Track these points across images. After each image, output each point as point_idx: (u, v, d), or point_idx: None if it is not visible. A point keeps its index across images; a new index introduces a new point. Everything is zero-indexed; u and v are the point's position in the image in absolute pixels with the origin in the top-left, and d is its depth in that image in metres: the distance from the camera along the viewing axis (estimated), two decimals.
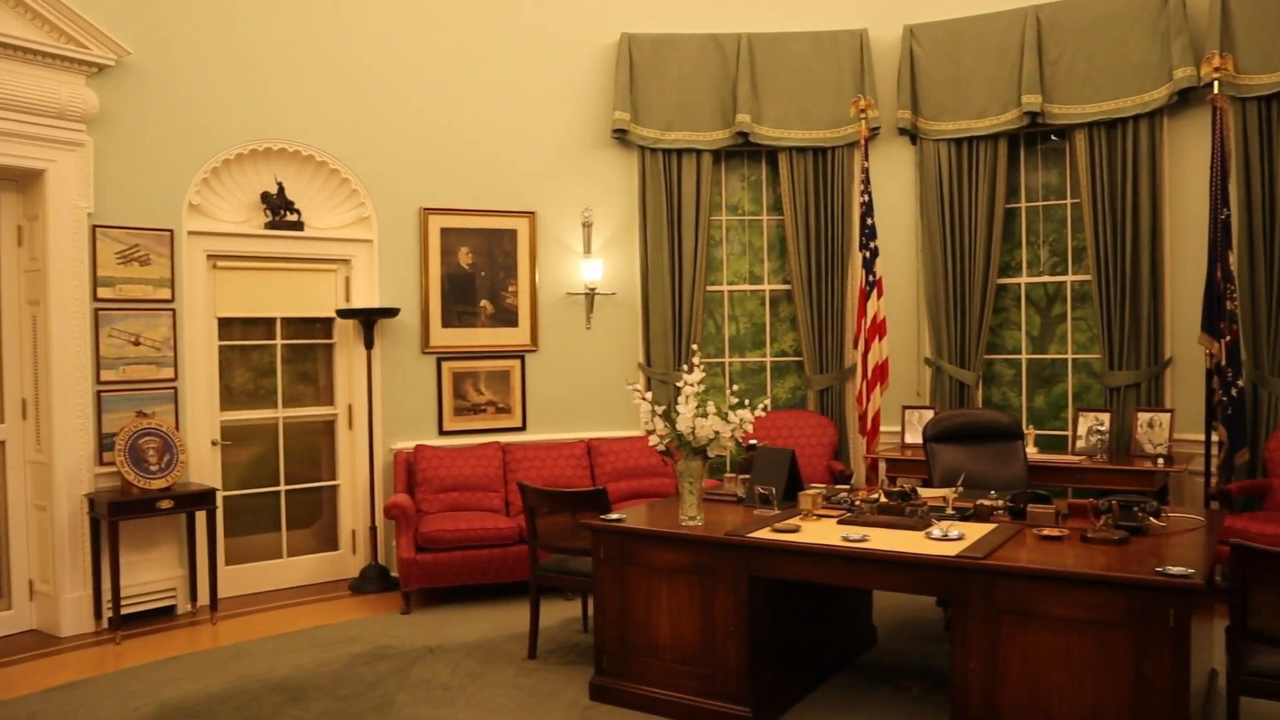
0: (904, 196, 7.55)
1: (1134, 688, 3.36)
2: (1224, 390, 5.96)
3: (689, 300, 7.54)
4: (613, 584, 4.54)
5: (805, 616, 4.71)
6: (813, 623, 4.78)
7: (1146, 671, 3.34)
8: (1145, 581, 3.34)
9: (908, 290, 7.53)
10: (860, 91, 7.37)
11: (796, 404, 7.89)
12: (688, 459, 4.46)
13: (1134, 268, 6.70)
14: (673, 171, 7.57)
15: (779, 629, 4.44)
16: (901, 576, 3.90)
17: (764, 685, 4.28)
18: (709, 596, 4.27)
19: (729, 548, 4.21)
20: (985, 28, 7.12)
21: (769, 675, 4.33)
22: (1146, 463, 6.24)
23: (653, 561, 4.42)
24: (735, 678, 4.20)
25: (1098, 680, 3.43)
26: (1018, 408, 7.43)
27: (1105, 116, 6.75)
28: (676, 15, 7.57)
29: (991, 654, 3.63)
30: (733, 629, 4.20)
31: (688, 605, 4.33)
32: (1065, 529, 4.09)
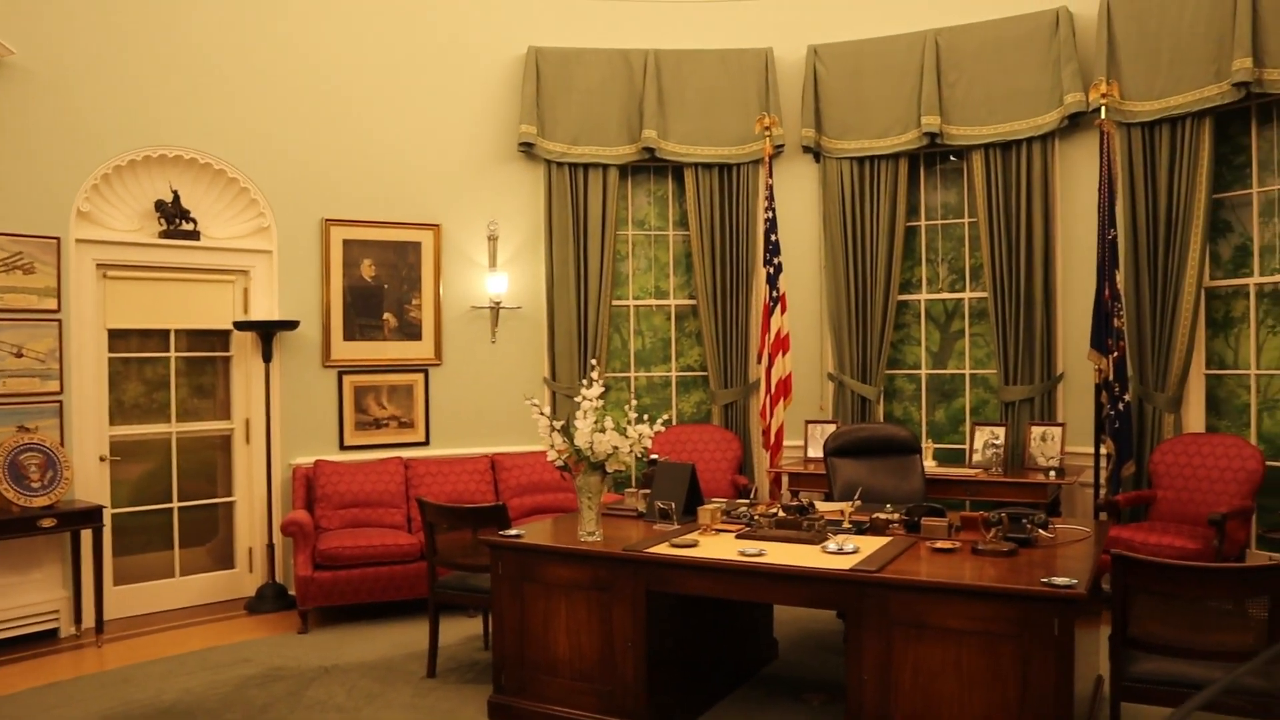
0: (807, 213, 7.65)
1: (1021, 696, 3.43)
2: (1112, 405, 6.15)
3: (595, 315, 7.53)
4: (511, 601, 4.49)
5: (705, 631, 4.71)
6: (713, 637, 4.79)
7: (1033, 680, 3.41)
8: (1031, 592, 3.41)
9: (811, 306, 7.63)
10: (765, 109, 7.46)
11: (701, 418, 7.92)
12: (586, 474, 4.43)
13: (1028, 285, 6.88)
14: (579, 186, 7.56)
15: (678, 644, 4.44)
16: (797, 590, 3.92)
17: (663, 700, 4.27)
18: (608, 612, 4.24)
19: (627, 563, 4.19)
20: (887, 50, 7.27)
21: (668, 690, 4.32)
22: (1040, 475, 6.41)
23: (551, 578, 4.38)
24: (634, 694, 4.18)
25: (987, 690, 3.49)
26: (918, 422, 7.57)
27: (1000, 138, 6.94)
28: (584, 30, 7.58)
29: (885, 666, 3.67)
30: (631, 645, 4.18)
31: (586, 622, 4.30)
32: (958, 541, 4.17)
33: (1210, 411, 6.50)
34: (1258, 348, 6.30)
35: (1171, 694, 3.57)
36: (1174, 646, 3.55)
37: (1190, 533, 5.71)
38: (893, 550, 4.06)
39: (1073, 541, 4.25)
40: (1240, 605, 3.51)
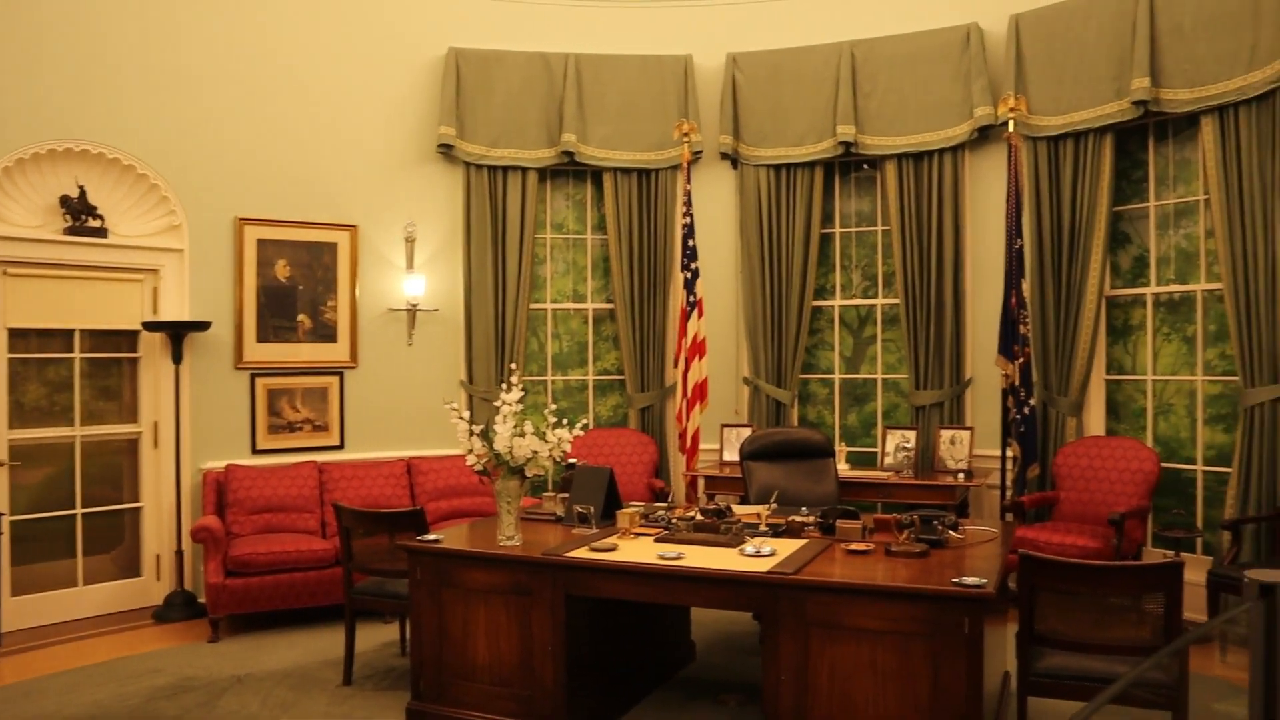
0: (725, 219, 7.74)
1: (933, 693, 3.52)
2: (1018, 409, 6.34)
3: (512, 318, 7.51)
4: (429, 606, 4.46)
5: (624, 634, 4.74)
6: (631, 640, 4.82)
7: (944, 677, 3.50)
8: (942, 592, 3.51)
9: (727, 311, 7.71)
10: (684, 115, 7.53)
11: (618, 422, 7.95)
12: (505, 478, 4.43)
13: (938, 293, 7.06)
14: (498, 188, 7.54)
15: (597, 647, 4.46)
16: (715, 593, 3.97)
17: (582, 704, 4.28)
18: (526, 617, 4.24)
19: (546, 567, 4.19)
20: (804, 60, 7.39)
21: (587, 694, 4.33)
22: (949, 478, 6.58)
23: (470, 583, 4.36)
24: (553, 698, 4.18)
25: (900, 687, 3.58)
26: (831, 426, 7.70)
27: (913, 149, 7.11)
28: (505, 32, 7.55)
29: (801, 666, 3.74)
30: (550, 649, 4.18)
31: (505, 626, 4.29)
32: (871, 543, 4.26)
33: (1110, 415, 6.74)
34: (1154, 354, 6.56)
35: (1075, 688, 3.70)
36: (1077, 642, 3.69)
37: (1091, 532, 5.91)
38: (809, 552, 4.13)
39: (981, 542, 4.38)
40: (1138, 601, 3.66)
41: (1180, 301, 6.44)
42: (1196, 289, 6.32)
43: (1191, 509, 6.35)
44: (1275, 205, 5.60)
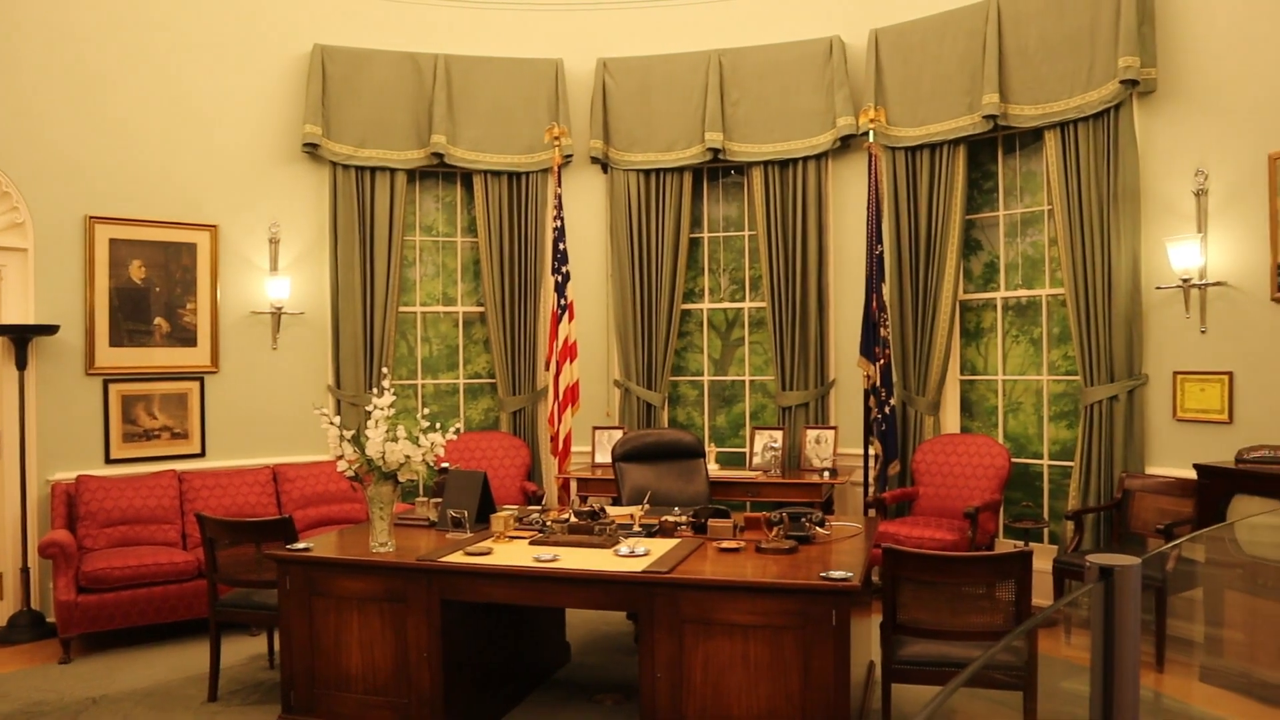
0: (595, 223, 7.80)
1: (803, 683, 3.65)
2: (879, 408, 6.58)
3: (381, 321, 7.40)
4: (300, 616, 4.37)
5: (499, 637, 4.74)
6: (507, 643, 4.82)
7: (814, 668, 3.63)
8: (811, 586, 3.64)
9: (598, 314, 7.77)
10: (555, 119, 7.56)
11: (490, 426, 7.92)
12: (378, 484, 4.38)
13: (803, 296, 7.27)
14: (366, 189, 7.42)
15: (473, 652, 4.45)
16: (591, 594, 4.01)
17: (460, 709, 4.27)
18: (401, 623, 4.21)
19: (421, 573, 4.17)
20: (673, 67, 7.51)
21: (464, 699, 4.32)
22: (815, 476, 6.79)
23: (342, 591, 4.30)
24: (430, 704, 4.16)
25: (772, 679, 3.69)
26: (701, 427, 7.84)
27: (778, 156, 7.30)
28: (373, 30, 7.44)
29: (677, 663, 3.82)
30: (426, 655, 4.16)
31: (380, 634, 4.25)
32: (742, 541, 4.38)
33: (964, 414, 7.07)
34: (1004, 355, 6.90)
35: (935, 673, 3.88)
36: (936, 630, 3.87)
37: (948, 525, 6.18)
38: (682, 551, 4.22)
39: (846, 537, 4.54)
40: (991, 589, 3.86)
41: (1027, 305, 6.80)
42: (1042, 294, 6.68)
43: (1039, 501, 6.71)
44: (1111, 216, 5.97)
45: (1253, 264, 5.47)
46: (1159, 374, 5.92)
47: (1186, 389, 5.79)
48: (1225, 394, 5.60)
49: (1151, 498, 5.80)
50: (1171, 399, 5.86)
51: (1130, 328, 5.95)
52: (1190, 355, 5.77)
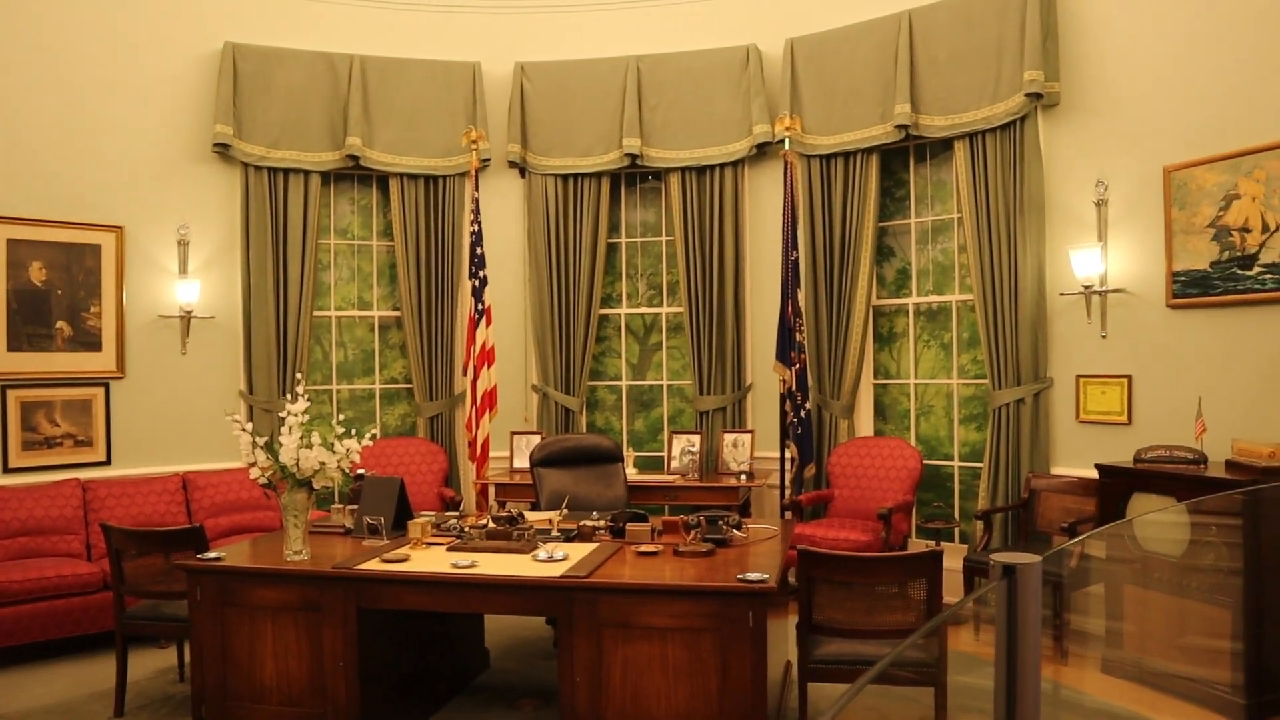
0: (513, 227, 7.78)
1: (721, 684, 3.68)
2: (795, 412, 6.68)
3: (295, 325, 7.28)
4: (211, 627, 4.28)
5: (417, 645, 4.70)
6: (425, 651, 4.78)
7: (731, 669, 3.67)
8: (728, 589, 3.68)
9: (515, 319, 7.75)
10: (472, 123, 7.52)
11: (407, 431, 7.84)
12: (292, 491, 4.31)
13: (720, 302, 7.34)
14: (279, 191, 7.29)
15: (391, 660, 4.40)
16: (510, 599, 4.00)
17: (377, 719, 4.21)
18: (317, 633, 4.14)
19: (337, 581, 4.11)
20: (592, 72, 7.53)
21: (382, 708, 4.27)
22: (732, 479, 6.85)
23: (256, 600, 4.22)
24: (346, 714, 4.10)
25: (690, 681, 3.73)
26: (619, 431, 7.87)
27: (696, 163, 7.37)
28: (286, 29, 7.31)
29: (596, 666, 3.83)
30: (343, 664, 4.10)
31: (295, 644, 4.18)
32: (660, 544, 4.41)
33: (878, 417, 7.21)
34: (916, 360, 7.06)
35: (850, 672, 3.95)
36: (850, 629, 3.94)
37: (863, 526, 6.29)
38: (600, 556, 4.23)
39: (763, 540, 4.60)
40: (904, 588, 3.95)
41: (938, 311, 6.96)
42: (952, 299, 6.85)
43: (950, 501, 6.88)
44: (1017, 224, 6.14)
45: (1149, 272, 5.68)
46: (1063, 377, 6.11)
47: (1089, 392, 5.99)
48: (1125, 396, 5.81)
49: (1057, 497, 5.98)
50: (1075, 401, 6.05)
51: (1036, 333, 6.13)
52: (1092, 359, 5.97)
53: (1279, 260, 5.04)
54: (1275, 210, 5.05)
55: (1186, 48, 5.48)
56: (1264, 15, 5.11)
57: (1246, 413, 5.19)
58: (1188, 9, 5.47)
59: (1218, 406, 5.26)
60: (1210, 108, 5.37)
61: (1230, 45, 5.27)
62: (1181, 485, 4.88)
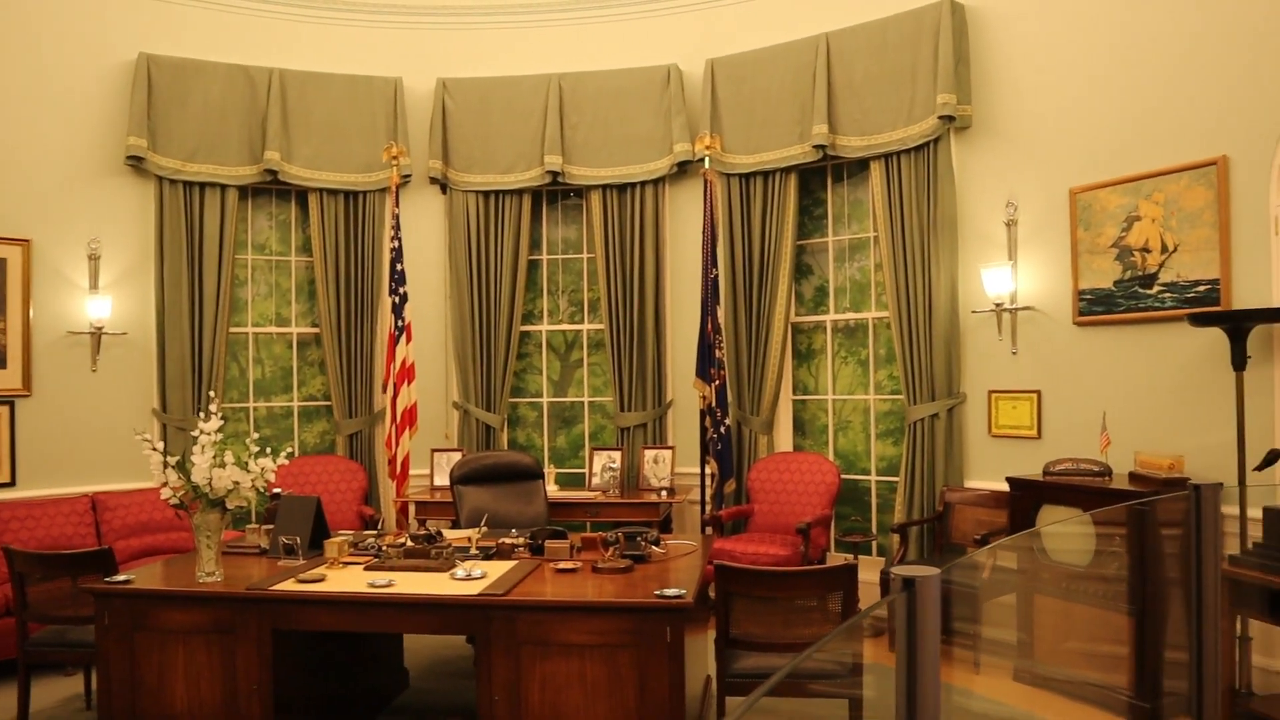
0: (434, 244, 7.73)
1: (640, 700, 3.69)
2: (715, 428, 6.73)
3: (210, 342, 7.13)
4: (120, 653, 4.16)
5: (334, 666, 4.63)
6: (342, 672, 4.71)
7: (650, 684, 3.69)
8: (645, 605, 3.70)
9: (436, 335, 7.70)
10: (393, 138, 7.47)
11: (326, 449, 7.73)
12: (204, 512, 4.22)
13: (640, 318, 7.38)
14: (195, 205, 7.15)
15: (307, 683, 4.33)
16: (427, 618, 3.97)
17: None
18: (230, 656, 4.06)
19: (251, 603, 4.04)
20: (514, 89, 7.53)
21: None
22: (653, 495, 6.88)
23: (167, 624, 4.12)
24: None
25: (609, 697, 3.73)
26: (540, 448, 7.85)
27: (617, 180, 7.41)
28: (203, 41, 7.18)
29: (515, 684, 3.81)
30: (256, 687, 4.03)
31: (207, 667, 4.09)
32: (579, 561, 4.41)
33: (797, 432, 7.30)
34: (834, 376, 7.17)
35: None
36: (768, 643, 3.98)
37: (782, 541, 6.36)
38: (519, 573, 4.22)
39: (682, 555, 4.63)
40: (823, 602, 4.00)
41: (855, 328, 7.08)
42: (868, 316, 6.97)
43: (867, 515, 6.99)
44: (931, 243, 6.29)
45: (1057, 290, 5.86)
46: (975, 393, 6.26)
47: (1000, 407, 6.14)
48: (1034, 411, 5.96)
49: (970, 509, 6.11)
50: (987, 416, 6.20)
51: (949, 349, 6.27)
52: (1003, 375, 6.12)
53: (1177, 280, 5.24)
54: (1173, 232, 5.25)
55: (1091, 75, 5.68)
56: (1165, 46, 5.32)
57: (1148, 426, 5.37)
58: (1093, 39, 5.67)
59: (1121, 420, 5.44)
60: (1113, 133, 5.57)
61: (1132, 74, 5.47)
62: (1087, 497, 5.04)
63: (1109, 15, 5.59)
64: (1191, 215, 5.16)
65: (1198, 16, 5.16)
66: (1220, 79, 5.06)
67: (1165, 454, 5.10)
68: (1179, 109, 5.25)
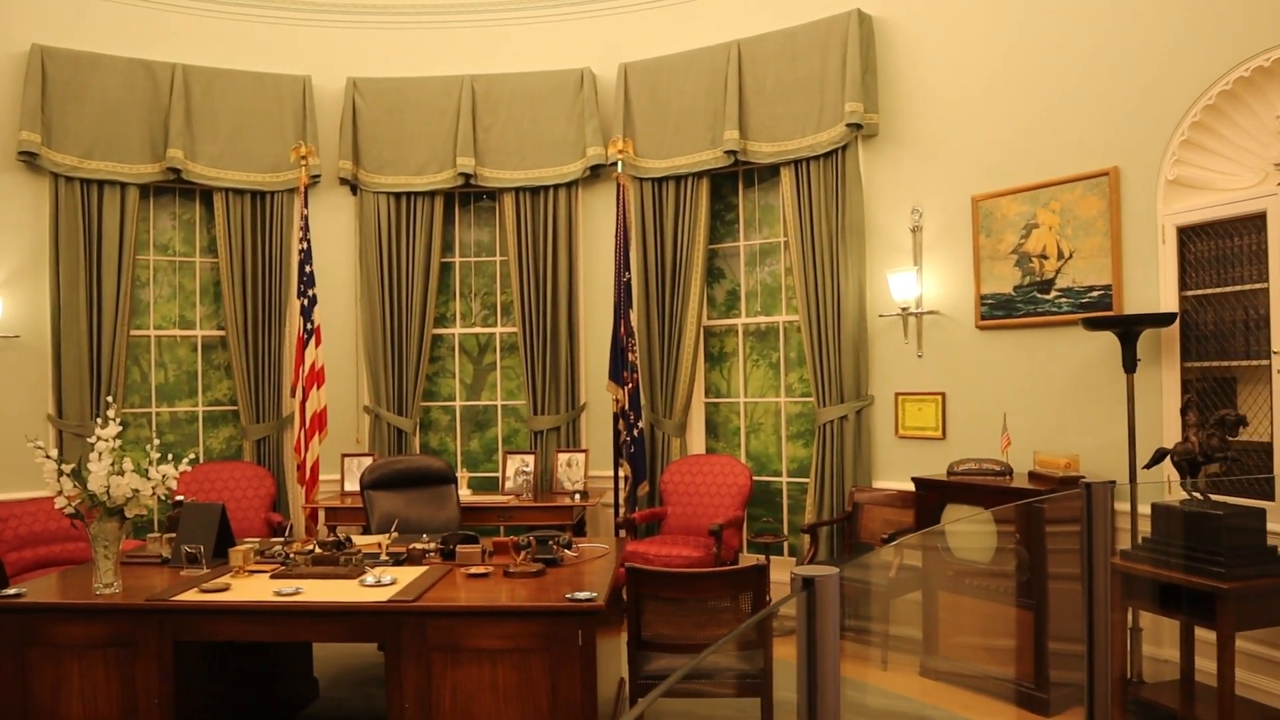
0: (344, 246, 7.62)
1: (552, 704, 3.69)
2: (628, 431, 6.76)
3: (110, 345, 6.93)
4: (10, 670, 4.01)
5: (240, 677, 4.54)
6: (249, 683, 4.62)
7: (562, 688, 3.69)
8: (556, 608, 3.70)
9: (346, 338, 7.59)
10: (302, 138, 7.34)
11: (232, 455, 7.56)
12: (102, 521, 4.10)
13: (554, 321, 7.37)
14: (93, 204, 6.93)
15: (211, 695, 4.24)
16: (336, 626, 3.91)
17: None
18: (129, 670, 3.95)
19: (151, 614, 3.93)
20: (426, 90, 7.46)
21: None
22: (566, 498, 6.88)
23: (61, 638, 3.98)
24: None
25: (521, 702, 3.72)
26: (453, 452, 7.79)
27: (530, 183, 7.39)
28: (101, 33, 6.96)
29: (425, 692, 3.78)
30: (158, 702, 3.92)
31: (104, 683, 3.97)
32: (491, 566, 4.39)
33: (709, 435, 7.37)
34: (745, 379, 7.25)
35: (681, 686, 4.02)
36: (680, 644, 4.02)
37: (695, 542, 6.41)
38: (429, 579, 4.18)
39: (595, 558, 4.64)
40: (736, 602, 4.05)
41: (766, 331, 7.17)
42: (779, 320, 7.07)
43: (779, 516, 7.08)
44: (840, 248, 6.40)
45: (960, 295, 6.01)
46: (883, 395, 6.39)
47: (907, 408, 6.28)
48: (939, 413, 6.11)
49: (878, 509, 6.23)
50: (894, 418, 6.34)
51: (858, 352, 6.39)
52: (909, 378, 6.26)
53: (1073, 285, 5.42)
54: (1069, 239, 5.43)
55: (991, 87, 5.85)
56: (1062, 60, 5.50)
57: (1046, 426, 5.55)
58: (992, 53, 5.84)
59: (1021, 421, 5.61)
60: (1012, 143, 5.74)
61: (1030, 86, 5.65)
62: (988, 495, 5.18)
63: (1007, 30, 5.77)
64: (1086, 223, 5.35)
65: (1091, 33, 5.35)
66: (1112, 93, 5.26)
67: (1062, 453, 5.27)
68: (1073, 121, 5.44)
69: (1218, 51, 4.77)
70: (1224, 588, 3.85)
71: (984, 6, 5.90)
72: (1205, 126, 4.84)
